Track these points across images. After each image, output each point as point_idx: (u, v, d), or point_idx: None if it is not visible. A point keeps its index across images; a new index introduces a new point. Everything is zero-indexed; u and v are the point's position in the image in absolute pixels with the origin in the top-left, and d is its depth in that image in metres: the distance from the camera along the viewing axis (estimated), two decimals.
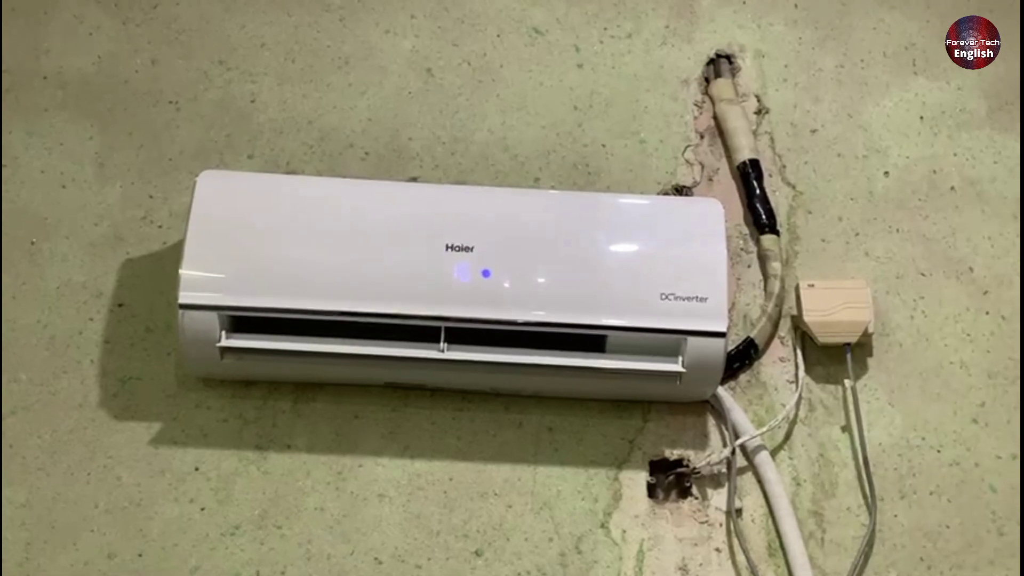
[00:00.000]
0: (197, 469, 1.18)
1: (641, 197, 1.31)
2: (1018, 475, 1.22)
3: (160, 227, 1.29)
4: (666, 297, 1.14)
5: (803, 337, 1.28)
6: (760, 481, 1.22)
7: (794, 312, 1.29)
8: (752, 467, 1.22)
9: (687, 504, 1.21)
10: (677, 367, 1.15)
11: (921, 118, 1.42)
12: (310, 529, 1.16)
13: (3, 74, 1.35)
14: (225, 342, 1.12)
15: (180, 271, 1.12)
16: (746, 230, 1.35)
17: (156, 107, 1.36)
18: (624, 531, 1.18)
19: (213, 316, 1.11)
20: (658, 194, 1.35)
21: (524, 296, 1.14)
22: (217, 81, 1.38)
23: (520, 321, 1.13)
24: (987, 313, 1.30)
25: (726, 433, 1.23)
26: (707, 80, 1.43)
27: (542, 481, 1.20)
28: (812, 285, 1.26)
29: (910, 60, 1.45)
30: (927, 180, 1.38)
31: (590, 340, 1.15)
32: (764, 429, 1.21)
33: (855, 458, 1.23)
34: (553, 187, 1.35)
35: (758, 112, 1.41)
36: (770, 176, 1.37)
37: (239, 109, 1.36)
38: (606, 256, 1.17)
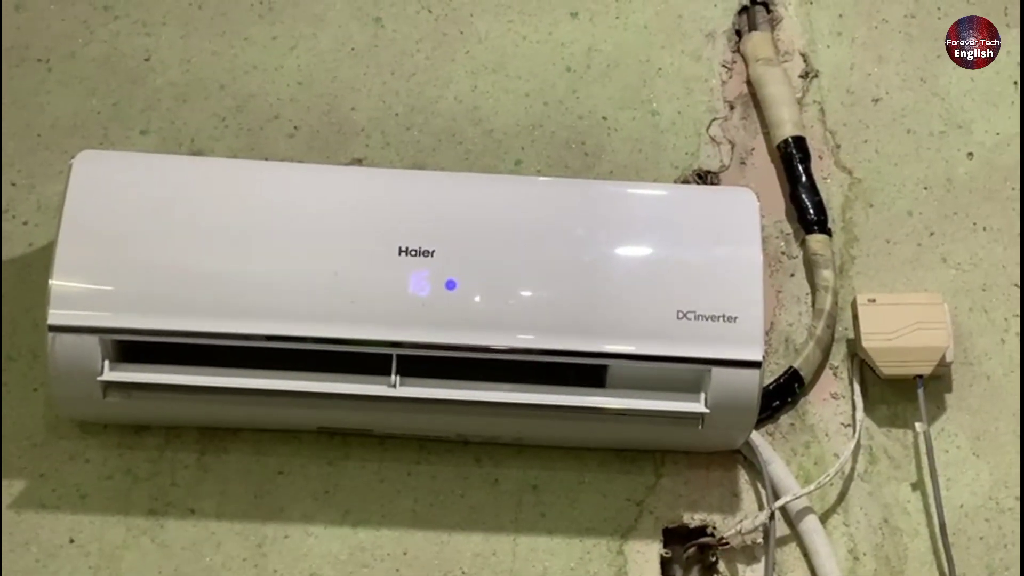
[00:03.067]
0: (72, 541, 1.18)
1: (653, 186, 1.32)
2: None
3: (24, 224, 1.29)
4: (684, 316, 1.14)
5: (862, 367, 1.29)
6: (807, 554, 1.22)
7: (851, 335, 1.30)
8: (796, 536, 1.23)
9: None
10: (699, 407, 1.15)
11: (1015, 83, 1.43)
12: None
13: None
14: (109, 375, 1.12)
15: (50, 282, 1.11)
16: (788, 228, 1.36)
17: (20, 67, 1.36)
18: None
19: (93, 341, 1.11)
20: (675, 182, 1.36)
21: (500, 315, 1.14)
22: (101, 33, 1.38)
23: (495, 347, 1.14)
24: None
25: (762, 492, 1.23)
26: (739, 34, 1.44)
27: (524, 555, 1.21)
28: (873, 300, 1.27)
29: (1001, 8, 1.46)
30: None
31: (586, 372, 1.15)
32: (812, 487, 1.22)
33: (929, 524, 1.24)
34: (539, 172, 1.35)
35: (805, 76, 1.43)
36: (820, 158, 1.38)
37: (129, 70, 1.36)
38: (607, 263, 1.17)
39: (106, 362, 1.12)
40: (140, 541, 1.18)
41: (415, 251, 1.15)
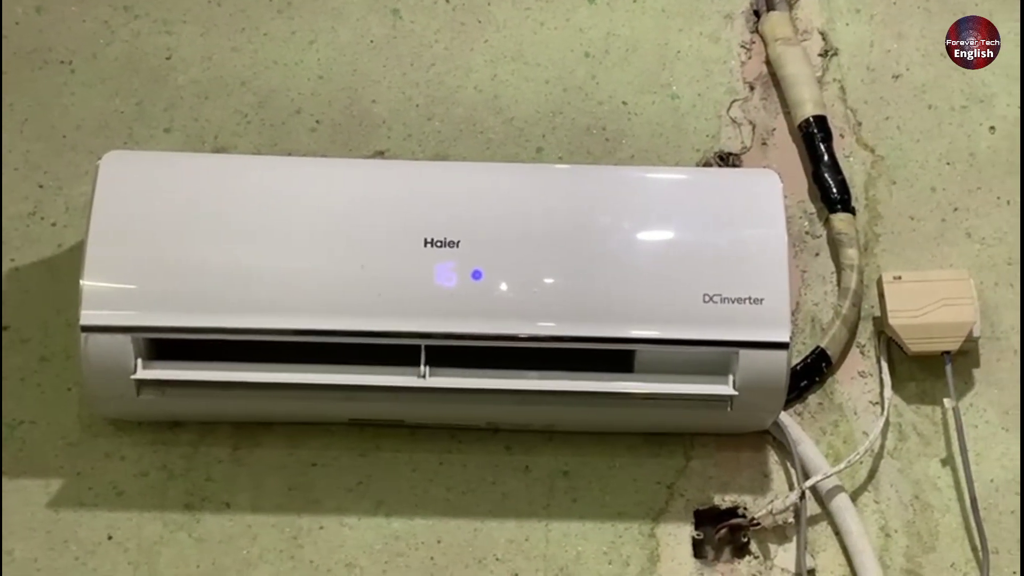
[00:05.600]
0: (110, 538, 1.19)
1: (675, 170, 1.32)
2: None
3: (53, 225, 1.30)
4: (711, 299, 1.15)
5: (889, 345, 1.29)
6: (838, 533, 1.23)
7: (877, 313, 1.30)
8: (828, 515, 1.23)
9: (745, 565, 1.22)
10: (727, 389, 1.15)
11: None
12: None
13: None
14: (142, 373, 1.13)
15: (81, 282, 1.12)
16: (812, 208, 1.36)
17: (43, 69, 1.36)
18: None
19: (126, 340, 1.12)
20: (697, 165, 1.36)
21: (526, 303, 1.14)
22: (122, 33, 1.39)
23: (522, 336, 1.14)
24: None
25: (792, 472, 1.23)
26: (757, 14, 1.44)
27: (557, 540, 1.21)
28: (899, 278, 1.27)
29: None
30: None
31: (614, 358, 1.16)
32: (842, 466, 1.22)
33: (960, 500, 1.24)
34: (560, 160, 1.36)
35: (824, 54, 1.42)
36: (841, 137, 1.38)
37: (151, 69, 1.37)
38: (631, 248, 1.18)
39: (139, 360, 1.13)
40: (177, 536, 1.19)
41: (440, 242, 1.15)
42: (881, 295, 1.28)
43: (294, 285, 1.14)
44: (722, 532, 1.22)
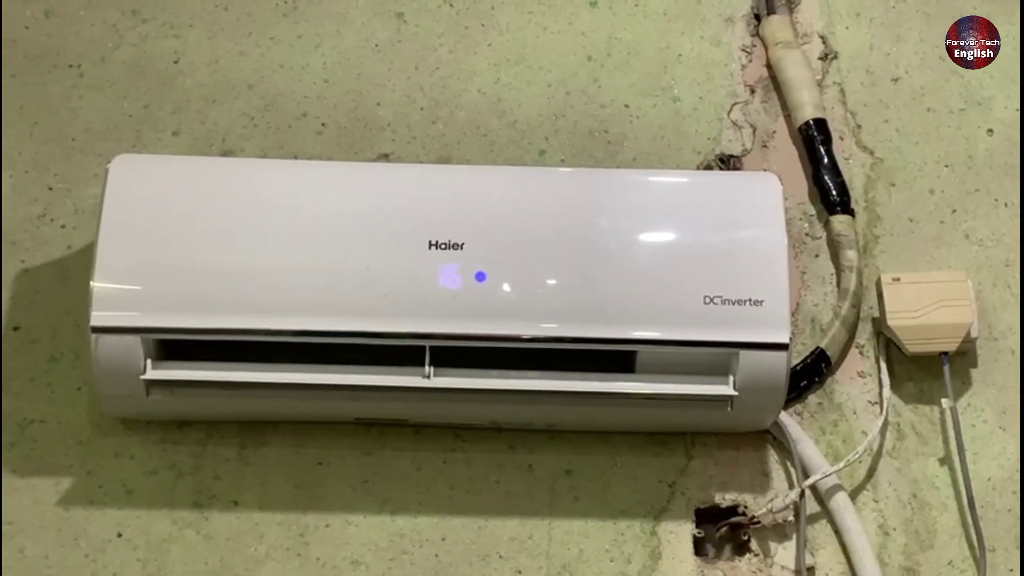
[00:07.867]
0: (120, 535, 1.20)
1: (676, 173, 1.34)
2: None
3: (63, 227, 1.31)
4: (711, 300, 1.16)
5: (888, 346, 1.31)
6: (838, 531, 1.24)
7: (876, 314, 1.31)
8: (827, 513, 1.25)
9: (745, 563, 1.23)
10: (727, 389, 1.17)
11: None
12: None
13: None
14: (151, 373, 1.14)
15: (91, 284, 1.13)
16: (812, 210, 1.37)
17: (53, 72, 1.38)
18: None
19: (135, 341, 1.13)
20: (697, 168, 1.37)
21: (529, 304, 1.16)
22: (130, 37, 1.40)
23: (525, 336, 1.15)
24: None
25: (792, 471, 1.25)
26: (758, 18, 1.45)
27: (560, 538, 1.23)
28: (898, 279, 1.29)
29: None
30: None
31: (616, 358, 1.17)
32: (841, 465, 1.23)
33: (958, 498, 1.26)
34: (563, 162, 1.37)
35: (824, 57, 1.43)
36: (841, 139, 1.39)
37: (159, 73, 1.39)
38: (633, 250, 1.19)
39: (148, 361, 1.14)
40: (185, 534, 1.21)
41: (445, 244, 1.16)
42: (880, 296, 1.29)
43: (301, 286, 1.15)
44: (723, 530, 1.24)
